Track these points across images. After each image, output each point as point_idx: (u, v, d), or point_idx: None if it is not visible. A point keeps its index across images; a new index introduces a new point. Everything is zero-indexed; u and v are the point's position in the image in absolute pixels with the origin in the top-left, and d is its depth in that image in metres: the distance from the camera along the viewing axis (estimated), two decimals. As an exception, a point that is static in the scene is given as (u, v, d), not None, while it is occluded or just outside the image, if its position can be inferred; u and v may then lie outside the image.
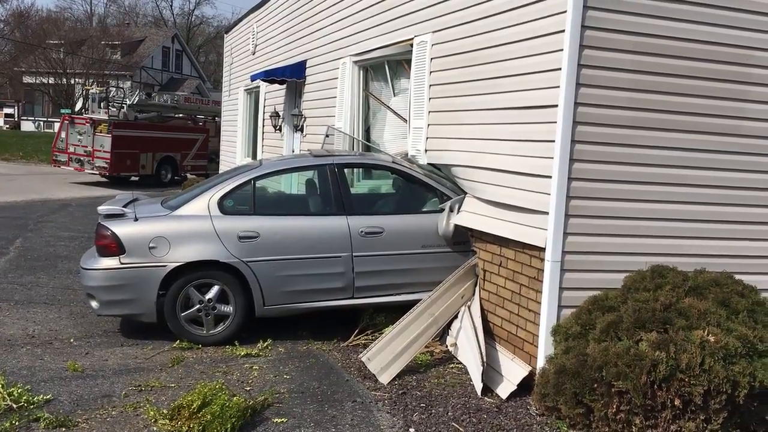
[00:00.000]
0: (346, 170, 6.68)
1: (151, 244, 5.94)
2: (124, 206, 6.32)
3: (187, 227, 6.07)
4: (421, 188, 6.68)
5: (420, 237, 6.31)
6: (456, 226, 6.19)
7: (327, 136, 9.35)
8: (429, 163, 6.89)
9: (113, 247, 5.95)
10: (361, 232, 6.22)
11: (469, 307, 5.90)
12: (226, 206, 6.21)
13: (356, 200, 6.70)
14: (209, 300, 6.05)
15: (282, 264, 6.09)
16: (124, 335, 6.30)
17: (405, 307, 5.90)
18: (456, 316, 5.95)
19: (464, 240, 6.31)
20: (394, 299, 6.33)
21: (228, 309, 6.11)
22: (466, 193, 6.38)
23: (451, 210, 6.24)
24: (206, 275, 6.05)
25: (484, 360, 5.24)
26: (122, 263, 5.93)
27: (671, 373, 3.88)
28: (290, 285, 6.13)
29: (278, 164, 7.09)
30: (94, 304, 6.10)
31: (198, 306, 6.04)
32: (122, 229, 5.99)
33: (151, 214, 6.25)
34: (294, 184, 8.53)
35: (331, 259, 6.17)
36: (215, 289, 6.06)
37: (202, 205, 6.18)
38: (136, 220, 6.08)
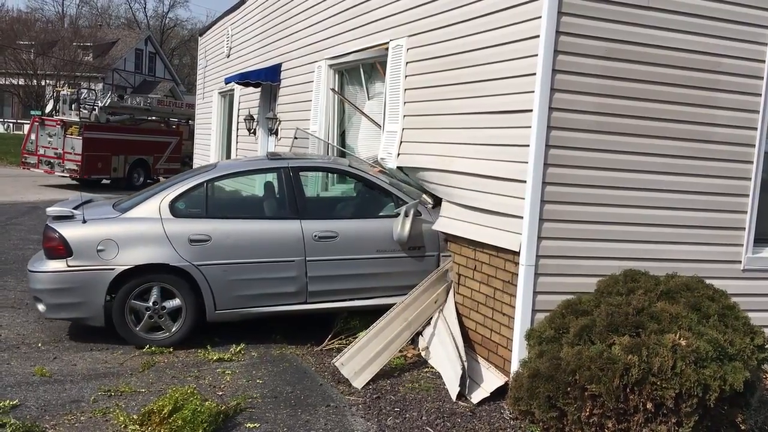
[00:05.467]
0: (301, 174, 6.57)
1: (99, 247, 5.83)
2: (75, 208, 6.19)
3: (137, 230, 5.96)
4: (377, 193, 6.64)
5: (374, 242, 6.26)
6: (411, 231, 6.16)
7: (295, 138, 9.30)
8: (399, 167, 6.87)
9: (60, 249, 5.84)
10: (315, 236, 6.15)
11: (442, 312, 5.89)
12: (178, 209, 6.11)
13: (310, 204, 6.61)
14: (159, 303, 5.96)
15: (234, 268, 6.01)
16: (94, 339, 6.19)
17: (370, 312, 5.91)
18: (429, 321, 5.94)
19: (419, 245, 6.29)
20: (348, 304, 6.28)
21: (178, 313, 6.02)
22: (419, 199, 6.42)
23: (406, 215, 6.20)
24: (156, 279, 5.95)
25: (465, 366, 5.19)
26: (69, 266, 5.82)
27: (643, 377, 3.90)
28: (242, 289, 6.06)
29: (233, 167, 6.92)
30: (40, 307, 6.00)
31: (147, 310, 5.95)
32: (69, 231, 5.87)
33: (100, 216, 6.13)
34: (248, 187, 8.40)
35: (284, 263, 6.09)
36: (165, 292, 5.98)
37: (153, 207, 6.07)
38: (84, 222, 5.96)
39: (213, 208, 6.28)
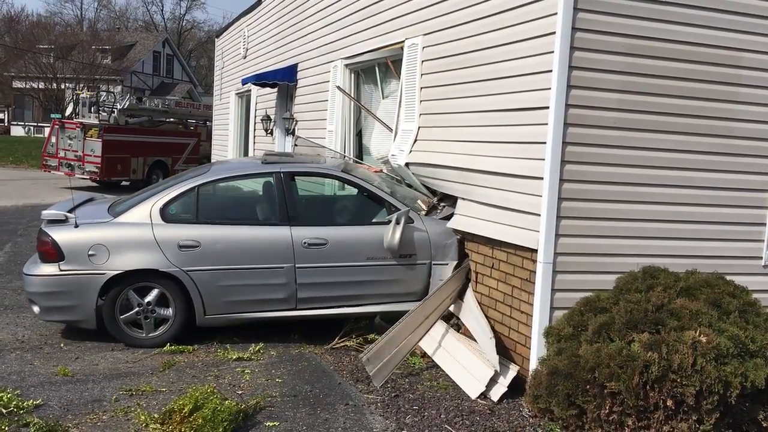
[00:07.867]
0: (294, 179, 6.49)
1: (90, 252, 5.86)
2: (71, 210, 6.23)
3: (127, 235, 5.97)
4: (369, 199, 6.56)
5: (365, 249, 6.20)
6: (401, 238, 6.10)
7: (295, 146, 9.35)
8: (407, 163, 6.84)
9: (53, 253, 5.87)
10: (304, 243, 6.11)
11: (458, 311, 5.88)
12: (168, 214, 6.10)
13: (301, 210, 6.48)
14: (148, 303, 6.00)
15: (223, 274, 6.00)
16: (115, 339, 6.26)
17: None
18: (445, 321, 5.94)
19: (410, 253, 6.24)
20: (338, 311, 6.26)
21: (168, 312, 6.06)
22: (411, 206, 6.40)
23: (397, 222, 6.13)
24: (146, 283, 5.99)
25: (496, 370, 5.15)
26: (61, 270, 5.86)
27: (663, 374, 3.88)
28: (232, 295, 6.04)
29: (225, 171, 6.76)
30: (35, 309, 6.07)
31: (138, 315, 6.00)
32: (61, 236, 5.91)
33: (92, 220, 6.15)
34: (251, 186, 8.31)
35: (273, 269, 6.07)
36: (155, 294, 6.01)
37: (144, 212, 6.08)
38: (76, 226, 5.98)
39: (203, 213, 6.22)
